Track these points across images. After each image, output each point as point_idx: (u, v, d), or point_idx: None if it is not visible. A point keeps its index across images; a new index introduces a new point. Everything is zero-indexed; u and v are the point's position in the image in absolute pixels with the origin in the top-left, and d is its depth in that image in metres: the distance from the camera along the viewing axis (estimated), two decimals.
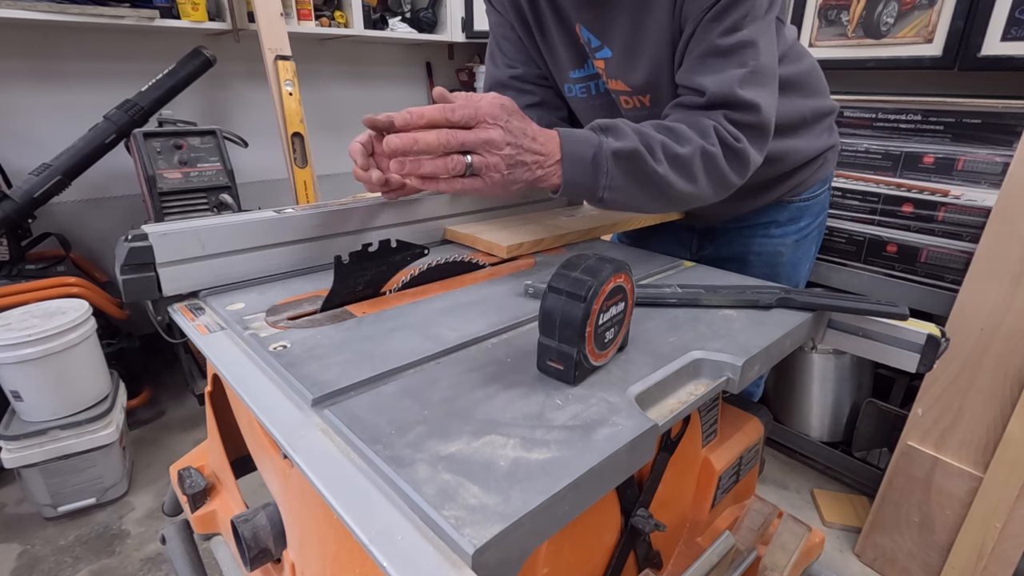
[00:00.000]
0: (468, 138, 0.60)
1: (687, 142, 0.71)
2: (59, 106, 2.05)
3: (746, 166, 0.76)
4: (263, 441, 0.61)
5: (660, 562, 0.67)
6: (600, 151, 0.68)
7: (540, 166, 0.66)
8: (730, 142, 0.73)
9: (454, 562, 0.32)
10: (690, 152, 0.71)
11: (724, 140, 0.73)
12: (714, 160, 0.72)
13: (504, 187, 0.64)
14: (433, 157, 0.60)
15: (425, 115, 0.59)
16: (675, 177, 0.71)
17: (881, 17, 1.55)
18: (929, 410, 1.29)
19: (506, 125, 0.62)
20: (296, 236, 0.75)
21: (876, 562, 1.43)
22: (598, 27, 0.84)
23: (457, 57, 3.17)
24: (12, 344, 1.41)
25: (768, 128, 0.77)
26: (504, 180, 0.63)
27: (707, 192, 0.75)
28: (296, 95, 1.94)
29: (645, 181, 0.71)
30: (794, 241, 1.03)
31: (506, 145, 0.62)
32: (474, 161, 0.61)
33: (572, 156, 0.68)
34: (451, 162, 0.60)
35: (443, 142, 0.59)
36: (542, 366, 0.50)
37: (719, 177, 0.74)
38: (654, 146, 0.70)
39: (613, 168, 0.69)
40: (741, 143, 0.73)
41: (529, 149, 0.64)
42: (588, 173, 0.69)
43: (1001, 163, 1.30)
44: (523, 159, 0.64)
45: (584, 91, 0.94)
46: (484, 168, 0.61)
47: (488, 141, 0.61)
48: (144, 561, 1.46)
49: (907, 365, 0.63)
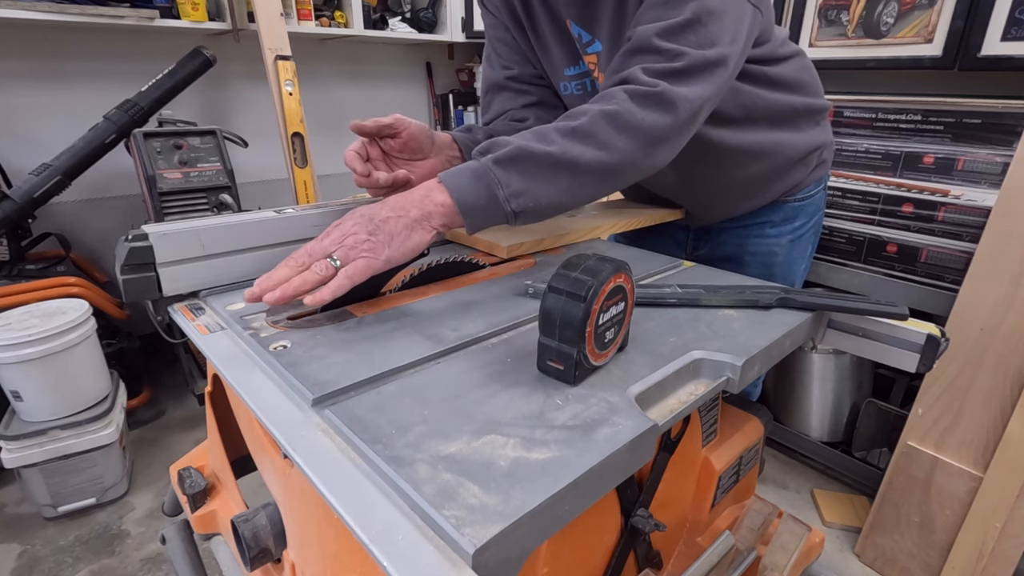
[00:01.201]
0: (314, 248, 0.59)
1: (582, 114, 0.66)
2: (59, 106, 2.05)
3: (668, 103, 0.66)
4: (263, 441, 0.61)
5: (660, 562, 0.67)
6: (481, 167, 0.64)
7: (408, 209, 0.62)
8: (641, 90, 0.66)
9: (454, 562, 0.32)
10: (588, 120, 0.66)
11: (631, 93, 0.66)
12: (618, 116, 0.66)
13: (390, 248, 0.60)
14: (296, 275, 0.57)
15: (271, 275, 0.57)
16: (578, 149, 0.65)
17: (881, 17, 1.55)
18: (929, 410, 1.29)
19: (349, 214, 0.61)
20: (296, 236, 0.75)
21: (876, 562, 1.43)
22: (587, 21, 0.84)
23: (457, 57, 3.17)
24: (12, 344, 1.41)
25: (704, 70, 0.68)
26: (379, 243, 0.59)
27: (626, 151, 0.67)
28: (296, 95, 1.94)
29: (546, 170, 0.65)
30: (789, 241, 1.03)
31: (353, 224, 0.60)
32: (337, 255, 0.58)
33: (453, 183, 0.64)
34: (315, 268, 0.57)
35: (296, 265, 0.57)
36: (542, 366, 0.50)
37: (632, 129, 0.66)
38: (546, 132, 0.66)
39: (503, 175, 0.63)
40: (657, 86, 0.66)
41: (384, 206, 0.62)
42: (478, 191, 0.63)
43: (1001, 163, 1.30)
44: (381, 215, 0.61)
45: (580, 88, 0.94)
46: (348, 250, 0.58)
47: (338, 236, 0.59)
48: (144, 561, 1.46)
49: (907, 365, 0.63)
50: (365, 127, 0.78)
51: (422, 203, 0.63)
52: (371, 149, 0.82)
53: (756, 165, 0.92)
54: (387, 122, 0.80)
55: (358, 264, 0.58)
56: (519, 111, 0.99)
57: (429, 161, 0.85)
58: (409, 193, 0.64)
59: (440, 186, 0.64)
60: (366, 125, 0.78)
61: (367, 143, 0.82)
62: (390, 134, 0.81)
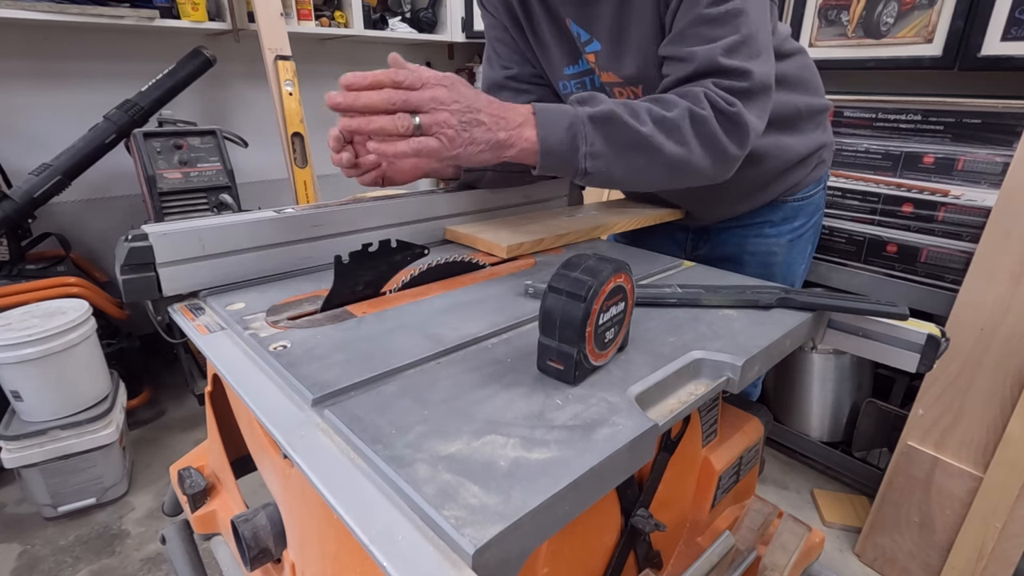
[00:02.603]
0: (412, 96, 0.58)
1: (674, 106, 0.68)
2: (59, 106, 2.05)
3: (743, 132, 0.71)
4: (263, 441, 0.61)
5: (660, 562, 0.67)
6: (576, 116, 0.66)
7: (501, 127, 0.63)
8: (722, 106, 0.69)
9: (454, 562, 0.32)
10: (677, 115, 0.68)
11: (715, 104, 0.69)
12: (706, 123, 0.69)
13: (464, 147, 0.61)
14: (380, 116, 0.59)
15: (369, 76, 0.58)
16: (663, 138, 0.67)
17: (881, 17, 1.55)
18: (929, 410, 1.29)
19: (451, 86, 0.61)
20: (296, 236, 0.75)
21: (876, 562, 1.43)
22: (585, 20, 0.84)
23: (457, 57, 3.17)
24: (12, 344, 1.41)
25: (764, 93, 0.73)
26: (459, 138, 0.60)
27: (700, 157, 0.70)
28: (296, 95, 1.94)
29: (629, 145, 0.67)
30: (788, 241, 1.03)
31: (453, 102, 0.60)
32: (422, 120, 0.59)
33: (546, 122, 0.65)
34: (399, 119, 0.58)
35: (386, 98, 0.58)
36: (542, 366, 0.50)
37: (713, 141, 0.70)
38: (638, 110, 0.68)
39: (592, 132, 0.65)
40: (735, 106, 0.70)
41: (483, 110, 0.62)
42: (564, 140, 0.65)
43: (1001, 163, 1.30)
44: (477, 118, 0.61)
45: (579, 87, 0.94)
46: (434, 125, 0.59)
47: (434, 98, 0.59)
48: (144, 561, 1.46)
49: (907, 365, 0.63)
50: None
51: (513, 129, 0.64)
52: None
53: (756, 168, 0.92)
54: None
55: (431, 143, 0.59)
56: None
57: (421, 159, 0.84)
58: (509, 110, 0.65)
59: (532, 120, 0.65)
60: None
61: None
62: None
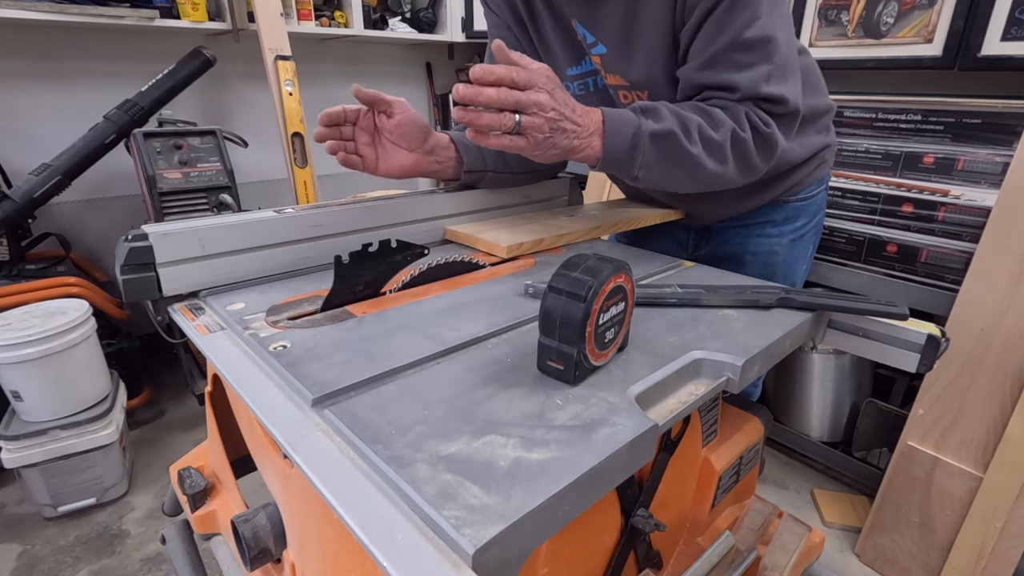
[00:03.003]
0: (521, 98, 0.65)
1: (721, 125, 0.75)
2: (59, 106, 2.05)
3: (773, 150, 0.79)
4: (263, 441, 0.61)
5: (660, 562, 0.67)
6: (639, 131, 0.73)
7: (577, 136, 0.70)
8: (760, 128, 0.76)
9: (454, 562, 0.32)
10: (722, 136, 0.75)
11: (755, 126, 0.76)
12: (744, 144, 0.76)
13: (544, 150, 0.69)
14: (490, 111, 0.65)
15: (495, 72, 0.64)
16: (707, 158, 0.75)
17: (881, 17, 1.55)
18: (929, 410, 1.29)
19: (552, 92, 0.67)
20: (296, 236, 0.75)
21: (876, 562, 1.43)
22: (592, 22, 0.84)
23: (457, 57, 3.17)
24: (12, 344, 1.41)
25: (796, 114, 0.79)
26: (545, 142, 0.68)
27: (734, 174, 0.79)
28: (296, 95, 1.94)
29: (679, 161, 0.75)
30: (790, 241, 1.03)
31: (551, 109, 0.66)
32: (522, 120, 0.65)
33: (613, 132, 0.73)
34: (504, 118, 0.65)
35: (501, 99, 0.64)
36: (542, 366, 0.50)
37: (747, 160, 0.78)
38: (690, 127, 0.74)
39: (649, 148, 0.73)
40: (771, 128, 0.76)
41: (570, 118, 0.69)
42: (626, 150, 0.73)
43: (1001, 163, 1.30)
44: (564, 126, 0.68)
45: (582, 88, 0.94)
46: (530, 128, 0.66)
47: (537, 103, 0.65)
48: (144, 561, 1.46)
49: (907, 365, 0.63)
50: (363, 93, 0.78)
51: (585, 138, 0.71)
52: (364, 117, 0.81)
53: None
54: (387, 99, 0.79)
55: (520, 141, 0.67)
56: None
57: (413, 156, 0.84)
58: (586, 116, 0.71)
59: (602, 129, 0.72)
60: (365, 92, 0.78)
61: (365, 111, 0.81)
62: (385, 110, 0.80)
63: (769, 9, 0.73)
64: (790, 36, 0.78)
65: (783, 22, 0.76)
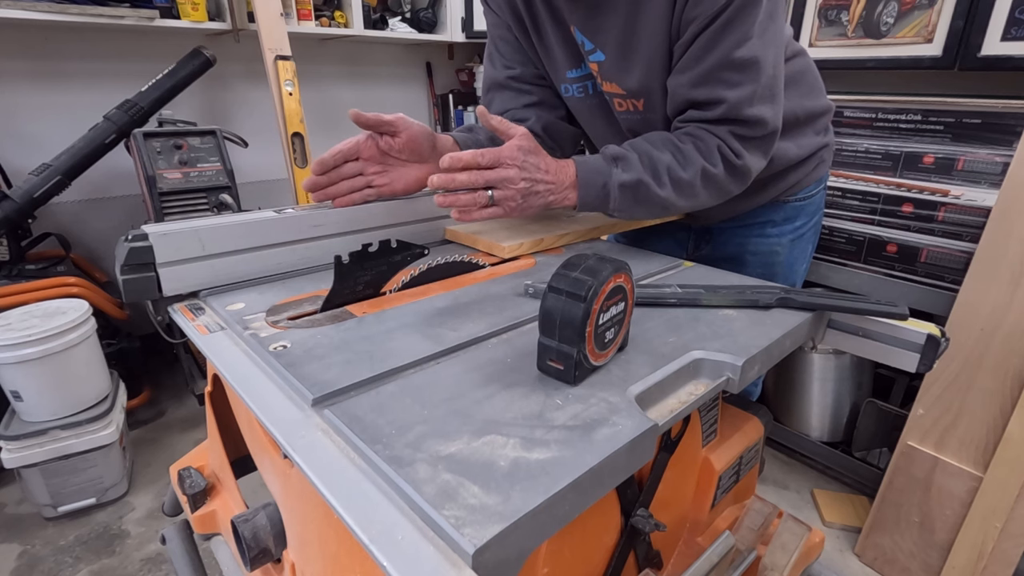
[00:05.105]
0: (490, 176, 0.71)
1: (690, 165, 0.79)
2: (59, 106, 2.05)
3: (746, 177, 0.83)
4: (263, 441, 0.61)
5: (660, 562, 0.67)
6: (610, 182, 0.78)
7: (552, 192, 0.77)
8: (731, 160, 0.79)
9: (454, 562, 0.32)
10: (692, 175, 0.79)
11: (726, 158, 0.79)
12: (714, 179, 0.80)
13: (521, 212, 0.76)
14: (465, 193, 0.72)
15: (463, 159, 0.70)
16: (676, 197, 0.80)
17: (881, 17, 1.55)
18: (929, 410, 1.29)
19: (522, 164, 0.73)
20: (296, 236, 0.75)
21: (876, 562, 1.43)
22: (590, 30, 0.84)
23: (457, 57, 3.17)
24: (12, 344, 1.41)
25: (773, 137, 0.81)
26: (520, 207, 0.75)
27: (705, 200, 0.84)
28: (296, 95, 1.94)
29: (650, 203, 0.80)
30: (790, 240, 1.03)
31: (520, 180, 0.73)
32: (494, 195, 0.72)
33: (586, 184, 0.78)
34: (478, 196, 0.72)
35: (472, 180, 0.71)
36: (542, 366, 0.50)
37: (718, 191, 0.82)
38: (660, 171, 0.78)
39: (619, 196, 0.79)
40: (742, 159, 0.79)
41: (541, 180, 0.75)
42: (599, 199, 0.79)
43: (1001, 163, 1.30)
44: (536, 189, 0.75)
45: (581, 91, 0.94)
46: (502, 199, 0.73)
47: (506, 178, 0.72)
48: (144, 561, 1.46)
49: (907, 365, 0.63)
50: (364, 117, 0.78)
51: (560, 193, 0.78)
52: (367, 147, 0.82)
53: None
54: (388, 119, 0.80)
55: (497, 211, 0.74)
56: (520, 111, 0.99)
57: (424, 167, 0.85)
58: (559, 173, 0.77)
59: (575, 182, 0.78)
60: (366, 116, 0.78)
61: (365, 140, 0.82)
62: (389, 131, 0.81)
63: (761, 30, 0.73)
64: (779, 57, 0.78)
65: (774, 42, 0.76)
